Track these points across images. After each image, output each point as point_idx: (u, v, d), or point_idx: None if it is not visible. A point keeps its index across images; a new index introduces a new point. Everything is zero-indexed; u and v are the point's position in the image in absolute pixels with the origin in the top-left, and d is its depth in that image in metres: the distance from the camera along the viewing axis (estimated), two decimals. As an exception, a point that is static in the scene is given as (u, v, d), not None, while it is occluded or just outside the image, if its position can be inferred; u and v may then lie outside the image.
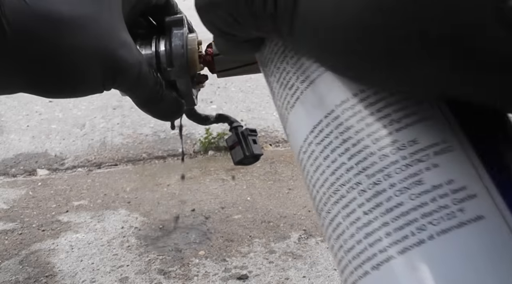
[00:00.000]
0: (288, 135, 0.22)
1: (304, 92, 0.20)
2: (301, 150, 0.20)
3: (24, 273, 1.09)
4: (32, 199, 1.39)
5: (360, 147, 0.18)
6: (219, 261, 1.12)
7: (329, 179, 0.19)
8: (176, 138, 1.77)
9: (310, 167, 0.20)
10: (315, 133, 0.19)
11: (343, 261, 0.18)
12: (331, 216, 0.19)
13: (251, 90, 2.18)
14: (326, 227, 0.19)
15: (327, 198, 0.19)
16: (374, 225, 0.17)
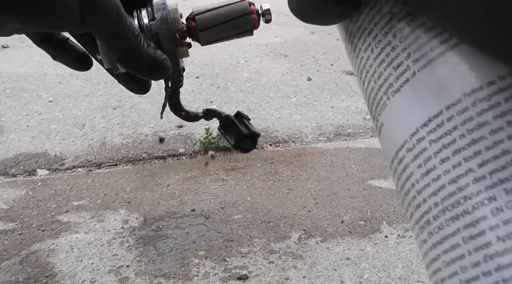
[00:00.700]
0: (382, 125, 0.18)
1: (418, 74, 0.16)
2: (405, 146, 0.16)
3: (24, 273, 1.09)
4: (32, 199, 1.39)
5: (497, 151, 0.14)
6: (219, 261, 1.12)
7: (446, 187, 0.15)
8: (175, 138, 1.77)
9: (417, 169, 0.16)
10: (431, 127, 0.15)
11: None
12: (444, 233, 0.15)
13: (251, 90, 2.18)
14: (432, 246, 0.16)
15: (441, 211, 0.15)
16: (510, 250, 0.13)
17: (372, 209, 1.32)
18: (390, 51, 0.17)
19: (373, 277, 1.07)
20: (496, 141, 0.14)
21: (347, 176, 1.49)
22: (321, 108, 2.02)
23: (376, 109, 0.18)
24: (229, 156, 1.64)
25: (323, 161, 1.58)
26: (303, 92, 2.17)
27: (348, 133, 1.81)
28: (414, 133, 0.16)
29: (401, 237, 1.21)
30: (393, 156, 0.17)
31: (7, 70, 2.30)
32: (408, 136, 0.16)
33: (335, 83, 2.29)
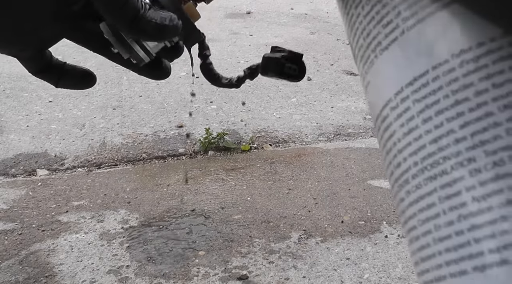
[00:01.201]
0: (369, 83, 0.18)
1: (406, 33, 0.16)
2: (389, 105, 0.16)
3: (24, 273, 1.09)
4: (32, 199, 1.39)
5: (480, 113, 0.13)
6: (219, 261, 1.12)
7: (427, 147, 0.15)
8: (175, 138, 1.77)
9: (399, 128, 0.16)
10: (415, 87, 0.15)
11: (428, 250, 0.15)
12: (421, 192, 0.15)
13: (251, 90, 2.18)
14: (408, 205, 0.16)
15: (419, 170, 0.15)
16: (486, 217, 0.13)
17: (372, 209, 1.32)
18: (380, 8, 0.17)
19: (373, 277, 1.07)
20: (480, 103, 0.14)
21: (347, 176, 1.49)
22: (321, 108, 2.02)
23: (364, 66, 0.18)
24: (229, 156, 1.64)
25: (323, 161, 1.58)
26: (303, 92, 2.17)
27: (348, 133, 1.81)
28: (399, 92, 0.16)
29: (401, 237, 1.20)
30: (378, 114, 0.17)
31: (7, 70, 2.30)
32: (392, 95, 0.16)
33: (335, 83, 2.29)
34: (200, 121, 1.88)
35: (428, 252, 0.15)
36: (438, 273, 0.14)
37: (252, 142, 1.74)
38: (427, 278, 0.15)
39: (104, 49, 0.36)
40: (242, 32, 3.01)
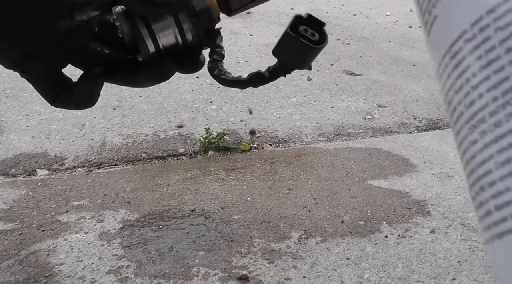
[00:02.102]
0: (435, 18, 0.16)
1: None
2: (463, 37, 0.14)
3: (24, 273, 1.09)
4: (32, 199, 1.39)
5: None
6: (219, 261, 1.12)
7: (510, 79, 0.13)
8: (175, 138, 1.77)
9: (475, 61, 0.14)
10: (498, 13, 0.13)
11: (509, 194, 0.13)
12: (501, 131, 0.13)
13: (251, 90, 2.18)
14: (483, 146, 0.14)
15: (500, 106, 0.13)
16: None
17: (372, 209, 1.32)
18: None
19: (373, 277, 1.07)
20: None
21: (347, 176, 1.49)
22: (321, 108, 2.02)
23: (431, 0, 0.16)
24: (229, 156, 1.64)
25: (323, 161, 1.58)
26: (303, 92, 2.17)
27: (348, 133, 1.81)
28: (477, 21, 0.14)
29: (401, 237, 1.20)
30: (446, 50, 0.15)
31: (7, 70, 2.30)
32: (468, 26, 0.14)
33: (335, 83, 2.29)
34: (200, 121, 1.88)
35: (508, 196, 0.13)
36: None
37: (252, 142, 1.74)
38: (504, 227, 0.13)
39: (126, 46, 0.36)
40: (242, 32, 3.01)
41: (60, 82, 0.37)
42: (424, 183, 1.44)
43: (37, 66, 0.35)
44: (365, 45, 2.88)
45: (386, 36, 3.09)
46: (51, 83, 0.37)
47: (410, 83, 2.29)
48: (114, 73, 0.37)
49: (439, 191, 1.40)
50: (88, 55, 0.36)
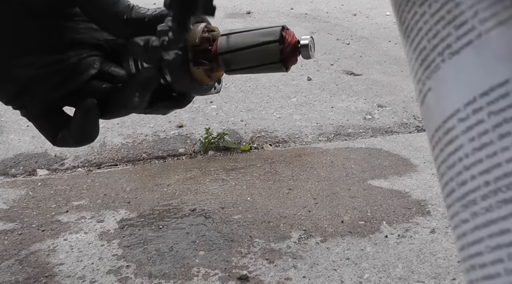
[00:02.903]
0: (429, 90, 0.16)
1: (484, 36, 0.14)
2: (456, 116, 0.15)
3: (24, 273, 1.09)
4: (32, 199, 1.39)
5: None
6: (219, 261, 1.12)
7: (503, 166, 0.13)
8: (175, 138, 1.77)
9: (468, 142, 0.14)
10: (492, 98, 0.13)
11: (497, 280, 0.13)
12: (493, 216, 0.13)
13: (251, 90, 2.18)
14: (474, 228, 0.14)
15: (492, 192, 0.13)
16: None
17: (372, 209, 1.32)
18: (453, 7, 0.15)
19: (373, 277, 1.07)
20: None
21: (347, 176, 1.49)
22: (321, 108, 2.02)
23: (425, 71, 0.16)
24: (229, 156, 1.64)
25: (323, 161, 1.58)
26: (303, 92, 2.17)
27: (348, 133, 1.81)
28: (471, 102, 0.14)
29: (401, 237, 1.20)
30: (439, 125, 0.16)
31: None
32: (462, 105, 0.14)
33: (335, 83, 2.29)
34: (200, 121, 1.88)
35: (499, 281, 0.13)
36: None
37: (252, 142, 1.74)
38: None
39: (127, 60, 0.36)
40: (242, 32, 3.00)
41: (59, 119, 0.36)
42: (424, 183, 1.44)
43: (33, 102, 0.34)
44: (365, 45, 2.88)
45: (386, 36, 3.09)
46: (50, 120, 0.36)
47: (410, 83, 2.29)
48: (107, 101, 0.36)
49: (439, 191, 1.40)
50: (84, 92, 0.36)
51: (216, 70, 0.36)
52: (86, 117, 0.35)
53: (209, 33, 0.35)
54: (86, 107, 0.35)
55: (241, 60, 0.34)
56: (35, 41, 0.32)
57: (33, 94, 0.34)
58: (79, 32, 0.34)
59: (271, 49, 0.33)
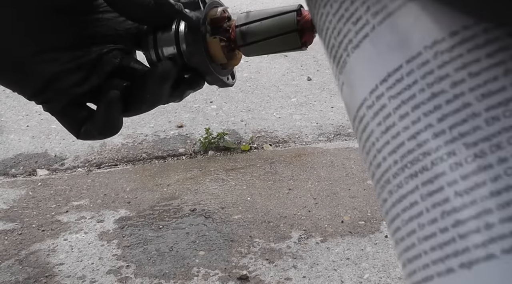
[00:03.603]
0: (343, 84, 0.17)
1: (377, 28, 0.15)
2: (364, 104, 0.16)
3: (24, 273, 1.09)
4: (32, 199, 1.39)
5: (458, 104, 0.13)
6: (219, 261, 1.12)
7: (406, 144, 0.14)
8: (175, 138, 1.77)
9: (376, 126, 0.15)
10: (390, 83, 0.15)
11: (413, 250, 0.14)
12: (403, 192, 0.15)
13: (251, 90, 2.18)
14: (392, 204, 0.15)
15: (400, 169, 0.15)
16: (470, 211, 0.12)
17: (372, 209, 1.32)
18: (349, 5, 0.16)
19: (373, 277, 1.07)
20: (457, 94, 0.13)
21: (347, 176, 1.49)
22: (321, 108, 2.02)
23: (337, 67, 0.18)
24: (229, 156, 1.64)
25: (323, 161, 1.58)
26: (303, 92, 2.17)
27: (348, 133, 1.81)
28: (374, 90, 0.15)
29: (401, 237, 1.21)
30: (354, 115, 0.17)
31: (7, 70, 2.30)
32: (367, 94, 0.16)
33: (335, 83, 2.29)
34: (200, 121, 1.88)
35: (413, 252, 0.14)
36: (425, 273, 0.14)
37: (252, 142, 1.74)
38: (415, 279, 0.15)
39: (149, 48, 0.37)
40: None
41: (82, 113, 0.37)
42: (424, 183, 1.44)
43: (56, 97, 0.35)
44: (365, 45, 2.88)
45: (386, 36, 3.08)
46: (73, 114, 0.36)
47: (410, 83, 2.29)
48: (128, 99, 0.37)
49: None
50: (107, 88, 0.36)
51: (232, 50, 0.37)
52: (109, 109, 0.36)
53: (229, 13, 0.37)
54: (109, 99, 0.35)
55: (258, 31, 0.35)
56: (58, 37, 0.33)
57: (56, 89, 0.34)
58: (100, 25, 0.35)
59: (288, 18, 0.33)
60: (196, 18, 0.34)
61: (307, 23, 0.33)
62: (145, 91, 0.36)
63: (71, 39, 0.33)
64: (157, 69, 0.36)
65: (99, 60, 0.35)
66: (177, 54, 0.36)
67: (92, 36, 0.35)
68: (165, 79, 0.36)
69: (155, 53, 0.36)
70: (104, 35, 0.35)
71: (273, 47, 0.35)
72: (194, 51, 0.35)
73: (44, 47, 0.32)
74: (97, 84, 0.36)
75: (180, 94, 0.39)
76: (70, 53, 0.33)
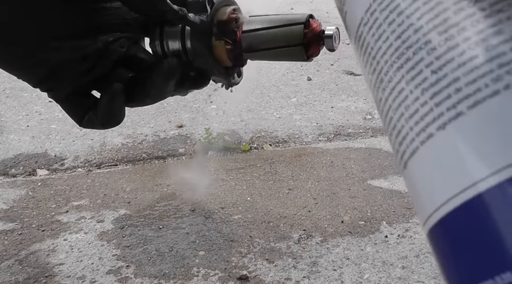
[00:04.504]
0: (346, 13, 0.21)
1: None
2: (362, 23, 0.20)
3: (24, 273, 1.09)
4: (32, 199, 1.39)
5: (432, 4, 0.16)
6: (219, 261, 1.12)
7: (393, 44, 0.18)
8: (175, 138, 1.77)
9: (371, 38, 0.19)
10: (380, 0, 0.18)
11: (403, 131, 0.17)
12: (393, 84, 0.18)
13: (251, 90, 2.18)
14: (385, 99, 0.18)
15: (389, 66, 0.18)
16: (443, 82, 0.15)
17: (372, 209, 1.32)
18: None
19: (373, 277, 1.07)
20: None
21: (347, 176, 1.49)
22: (321, 108, 2.02)
23: (341, 1, 0.22)
24: (229, 156, 1.64)
25: (323, 161, 1.58)
26: (303, 92, 2.17)
27: (348, 133, 1.81)
28: (368, 8, 0.19)
29: (401, 237, 1.20)
30: (355, 36, 0.20)
31: (7, 70, 2.29)
32: (363, 13, 0.19)
33: (335, 83, 2.29)
34: (200, 121, 1.88)
35: (403, 133, 0.17)
36: (412, 148, 0.17)
37: (252, 142, 1.74)
38: (405, 158, 0.17)
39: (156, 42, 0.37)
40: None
41: (86, 102, 0.37)
42: (424, 183, 1.44)
43: (61, 86, 0.35)
44: (365, 45, 2.88)
45: (386, 36, 3.08)
46: (77, 103, 0.37)
47: (410, 83, 2.29)
48: (132, 89, 0.37)
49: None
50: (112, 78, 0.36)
51: (237, 53, 0.36)
52: (112, 101, 0.36)
53: (237, 15, 0.36)
54: (112, 91, 0.36)
55: (264, 40, 0.35)
56: (65, 26, 0.33)
57: (62, 78, 0.34)
58: (107, 14, 0.35)
59: (295, 31, 0.33)
60: (200, 23, 0.34)
61: (314, 37, 0.33)
62: (150, 85, 0.36)
63: (78, 28, 0.33)
64: (163, 65, 0.36)
65: (106, 49, 0.35)
66: (182, 51, 0.36)
67: (100, 25, 0.35)
68: (170, 76, 0.36)
69: (160, 46, 0.36)
70: (111, 23, 0.35)
71: (277, 57, 0.35)
72: (198, 53, 0.35)
73: (50, 36, 0.32)
74: (102, 73, 0.36)
75: (184, 91, 0.39)
76: (76, 42, 0.33)
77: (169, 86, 0.36)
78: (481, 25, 0.15)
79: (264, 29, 0.34)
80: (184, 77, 0.37)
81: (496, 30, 0.15)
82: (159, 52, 0.37)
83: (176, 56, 0.36)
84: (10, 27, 0.31)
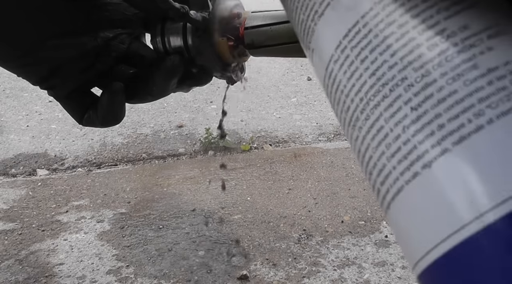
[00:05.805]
0: (313, 51, 0.21)
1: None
2: (332, 60, 0.19)
3: (24, 273, 1.09)
4: (32, 199, 1.39)
5: (404, 40, 0.16)
6: (219, 261, 1.12)
7: (367, 81, 0.17)
8: (175, 138, 1.77)
9: (343, 75, 0.18)
10: (350, 37, 0.18)
11: (385, 170, 0.16)
12: (370, 122, 0.17)
13: (251, 90, 2.18)
14: (363, 138, 0.18)
15: (365, 104, 0.17)
16: (424, 119, 0.15)
17: (372, 209, 1.32)
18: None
19: (373, 277, 1.07)
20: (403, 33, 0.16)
21: (347, 176, 1.49)
22: (321, 108, 2.02)
23: (307, 37, 0.21)
24: (229, 156, 1.64)
25: (323, 161, 1.58)
26: (303, 92, 2.17)
27: (348, 133, 1.81)
28: (338, 45, 0.19)
29: (401, 237, 1.21)
30: (324, 73, 0.20)
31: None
32: (333, 50, 0.19)
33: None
34: (200, 121, 1.88)
35: (385, 172, 0.16)
36: (396, 187, 0.16)
37: (252, 142, 1.74)
38: (388, 198, 0.17)
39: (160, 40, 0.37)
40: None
41: (86, 100, 0.37)
42: (424, 183, 1.44)
43: (61, 84, 0.35)
44: (365, 45, 2.88)
45: (386, 36, 3.08)
46: (78, 101, 0.36)
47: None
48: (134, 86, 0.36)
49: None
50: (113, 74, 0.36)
51: (240, 49, 0.36)
52: (111, 100, 0.36)
53: (239, 11, 0.36)
54: (112, 90, 0.35)
55: (267, 37, 0.34)
56: (65, 23, 0.32)
57: (62, 76, 0.34)
58: (107, 10, 0.34)
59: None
60: (202, 20, 0.34)
61: None
62: (152, 83, 0.36)
63: (78, 25, 0.33)
64: (165, 63, 0.36)
65: (106, 46, 0.35)
66: (184, 48, 0.36)
67: (100, 21, 0.34)
68: (173, 74, 0.36)
69: (162, 42, 0.36)
70: (112, 19, 0.35)
71: (280, 53, 0.35)
72: (200, 50, 0.35)
73: (49, 34, 0.32)
74: (103, 70, 0.35)
75: (187, 88, 0.38)
76: (75, 40, 0.33)
77: (172, 84, 0.36)
78: (456, 60, 0.15)
79: (267, 25, 0.34)
80: (186, 74, 0.37)
81: (472, 64, 0.15)
82: (160, 49, 0.36)
83: (178, 53, 0.36)
84: (9, 25, 0.30)
